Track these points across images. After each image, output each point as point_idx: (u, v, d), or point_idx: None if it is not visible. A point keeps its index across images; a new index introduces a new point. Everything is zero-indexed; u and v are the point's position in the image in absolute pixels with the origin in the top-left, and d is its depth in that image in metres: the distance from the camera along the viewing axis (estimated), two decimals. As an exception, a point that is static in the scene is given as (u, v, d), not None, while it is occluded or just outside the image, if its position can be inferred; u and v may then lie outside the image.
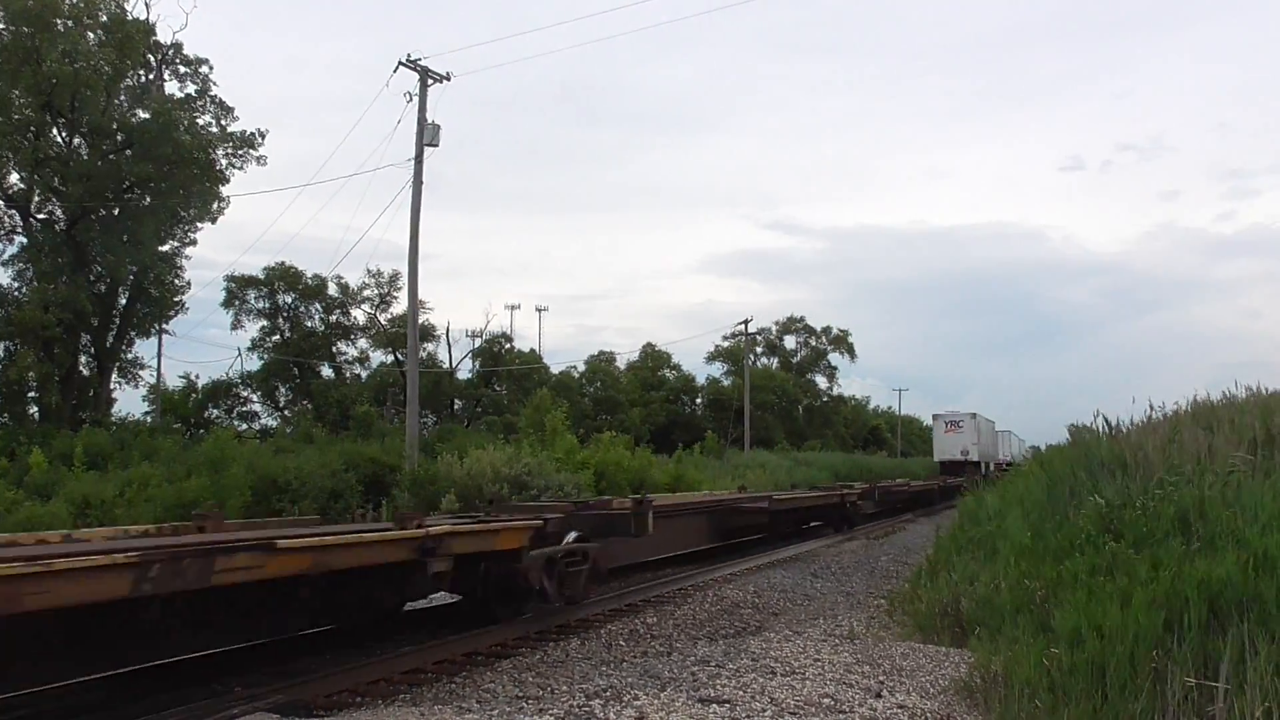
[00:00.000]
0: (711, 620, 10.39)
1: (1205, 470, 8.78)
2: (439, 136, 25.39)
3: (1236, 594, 5.78)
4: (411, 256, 25.53)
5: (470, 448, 21.95)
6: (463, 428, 40.00)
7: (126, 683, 6.57)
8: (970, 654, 7.29)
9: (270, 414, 46.78)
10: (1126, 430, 11.94)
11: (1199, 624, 5.64)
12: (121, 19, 31.30)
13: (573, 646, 8.79)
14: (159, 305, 34.63)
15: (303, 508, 18.41)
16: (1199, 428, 10.47)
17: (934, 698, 6.36)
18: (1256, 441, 9.51)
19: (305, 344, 46.11)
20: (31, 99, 29.14)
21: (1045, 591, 7.31)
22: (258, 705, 6.10)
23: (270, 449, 26.23)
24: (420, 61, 25.60)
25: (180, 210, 33.13)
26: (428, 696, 6.87)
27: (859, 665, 7.20)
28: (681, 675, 6.86)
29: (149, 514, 17.20)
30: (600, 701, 6.09)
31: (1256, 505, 7.28)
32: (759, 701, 6.05)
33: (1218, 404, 12.34)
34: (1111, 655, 5.50)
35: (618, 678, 7.02)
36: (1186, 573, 6.10)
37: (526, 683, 7.24)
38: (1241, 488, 7.93)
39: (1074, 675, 5.52)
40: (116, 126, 31.68)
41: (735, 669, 6.99)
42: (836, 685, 6.52)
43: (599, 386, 61.74)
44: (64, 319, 29.24)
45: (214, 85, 34.15)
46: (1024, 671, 5.82)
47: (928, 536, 18.85)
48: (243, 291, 45.17)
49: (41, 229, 31.68)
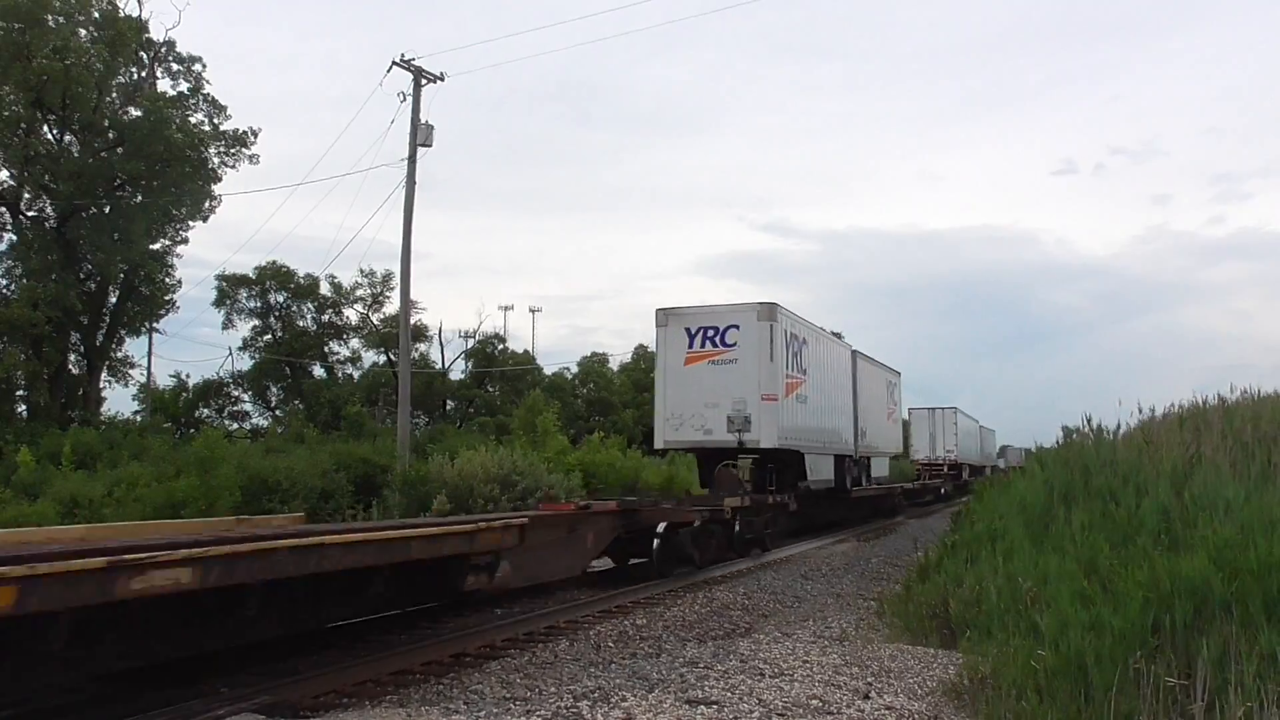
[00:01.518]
0: (701, 622, 10.38)
1: (1191, 471, 8.81)
2: (432, 136, 25.32)
3: (1218, 595, 5.80)
4: (404, 256, 25.46)
5: (461, 448, 21.90)
6: (455, 428, 39.91)
7: (113, 683, 6.53)
8: (959, 656, 7.29)
9: (261, 414, 46.68)
10: (1115, 433, 11.99)
11: (1183, 624, 5.66)
12: (114, 16, 31.18)
13: (561, 648, 8.77)
14: (149, 304, 34.52)
15: (292, 508, 18.32)
16: (1186, 430, 10.51)
17: (922, 699, 6.37)
18: (1245, 444, 9.56)
19: (297, 343, 45.98)
20: (22, 95, 29.01)
21: (1036, 591, 7.34)
22: (244, 706, 6.07)
23: (261, 449, 26.13)
24: (414, 61, 25.53)
25: (172, 208, 33.01)
26: (414, 697, 6.84)
27: (848, 667, 7.20)
28: (670, 677, 6.86)
29: (137, 514, 17.10)
30: (588, 703, 6.09)
31: (1237, 506, 7.31)
32: (747, 703, 6.04)
33: (1209, 407, 12.40)
34: (1095, 656, 5.52)
35: (606, 679, 7.01)
36: (1168, 572, 6.12)
37: (514, 684, 7.21)
38: (1225, 488, 7.96)
39: (1059, 676, 5.53)
40: (108, 124, 31.57)
41: (724, 670, 6.98)
42: (825, 687, 6.53)
43: (592, 388, 61.70)
44: (53, 317, 29.10)
45: (206, 83, 34.07)
46: (1011, 673, 5.83)
47: (921, 538, 18.87)
48: (234, 290, 45.03)
49: (31, 226, 31.53)
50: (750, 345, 16.51)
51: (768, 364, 16.46)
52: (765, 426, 16.36)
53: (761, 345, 16.51)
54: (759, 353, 16.48)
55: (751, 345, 16.50)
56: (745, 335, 16.47)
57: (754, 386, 16.36)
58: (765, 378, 16.44)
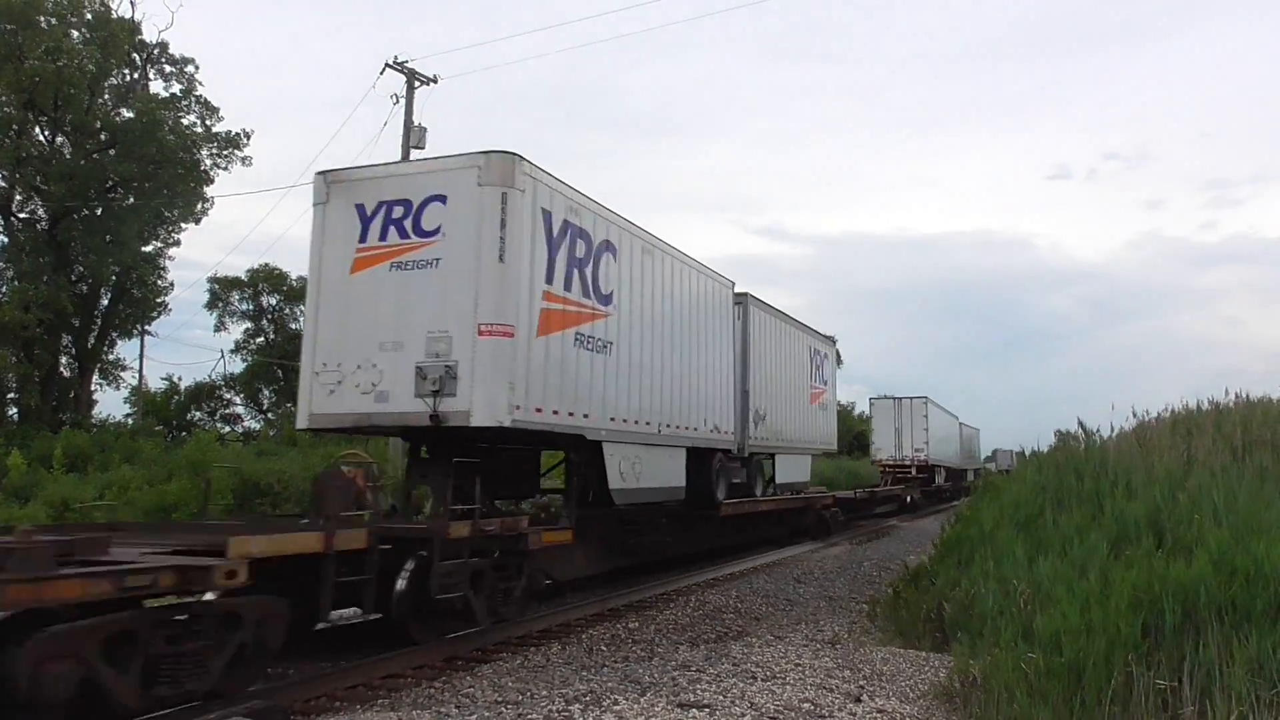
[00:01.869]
0: (693, 625, 10.38)
1: (1183, 475, 8.85)
2: (426, 139, 25.28)
3: (1211, 598, 5.82)
4: (396, 259, 25.30)
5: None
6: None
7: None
8: (951, 659, 7.30)
9: (253, 416, 46.48)
10: (1111, 436, 12.04)
11: (1173, 628, 5.68)
12: (106, 17, 31.09)
13: (553, 651, 8.77)
14: (141, 306, 34.39)
15: (284, 511, 18.28)
16: (1178, 434, 10.56)
17: (913, 702, 6.38)
18: (1235, 448, 9.61)
19: (290, 346, 45.82)
20: (13, 96, 28.90)
21: (1028, 594, 7.35)
22: (234, 710, 6.04)
23: (253, 451, 26.03)
24: (407, 64, 25.54)
25: (164, 210, 32.92)
26: (406, 701, 6.82)
27: (840, 670, 7.21)
28: (662, 680, 6.85)
29: (129, 517, 17.04)
30: (580, 706, 6.08)
31: (1228, 508, 7.35)
32: (739, 706, 6.04)
33: (1202, 411, 12.45)
34: (1087, 659, 5.53)
35: (598, 682, 7.01)
36: (1159, 576, 6.15)
37: (506, 688, 7.20)
38: (1215, 491, 8.00)
39: (1051, 679, 5.55)
40: (100, 125, 31.46)
41: (716, 674, 6.98)
42: (817, 690, 6.53)
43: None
44: (45, 319, 28.96)
45: (199, 85, 33.95)
46: (1002, 675, 5.85)
47: (914, 541, 18.91)
48: (226, 293, 44.90)
49: (23, 228, 31.41)
50: (464, 232, 9.17)
51: (494, 267, 9.07)
52: (483, 386, 8.93)
53: (485, 231, 9.09)
54: (479, 246, 9.09)
55: (466, 231, 9.16)
56: (456, 214, 9.24)
57: (466, 308, 9.04)
58: (489, 293, 9.06)
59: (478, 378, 9.00)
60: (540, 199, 9.80)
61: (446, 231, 9.34)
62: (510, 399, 9.14)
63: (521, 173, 9.46)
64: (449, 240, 9.31)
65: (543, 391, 9.72)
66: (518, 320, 9.31)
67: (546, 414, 9.83)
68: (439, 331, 9.17)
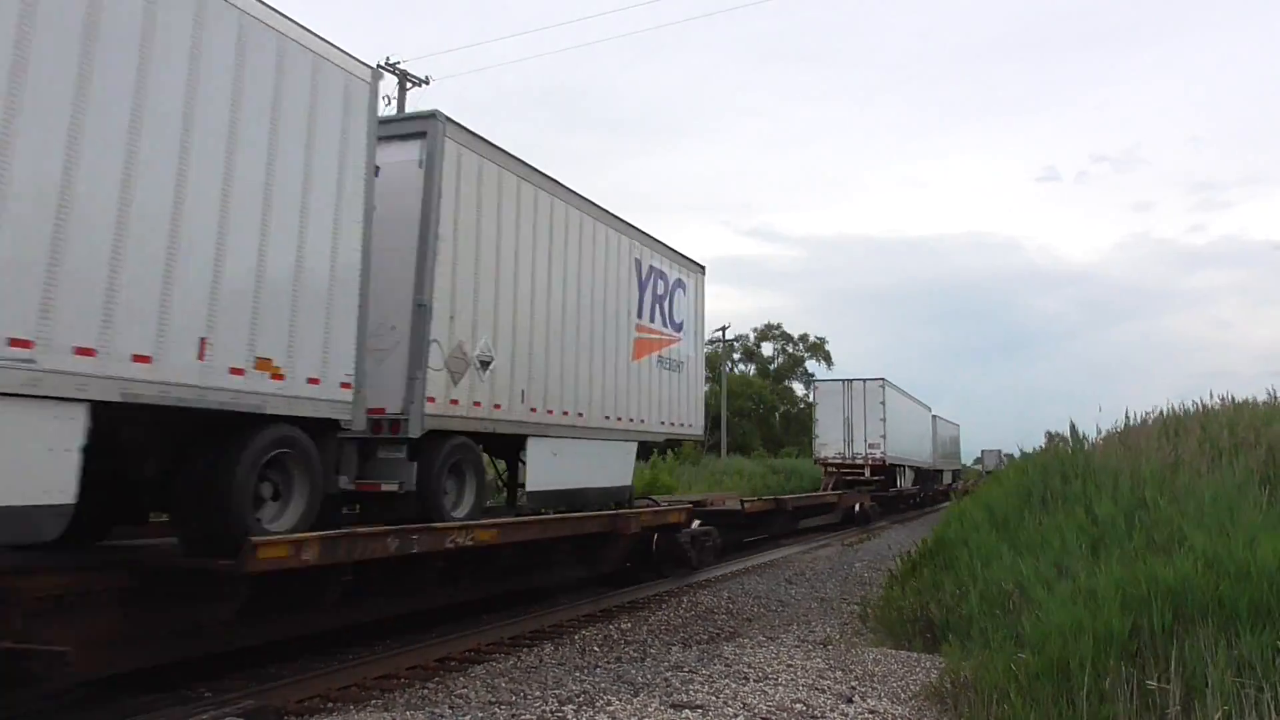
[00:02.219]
0: (686, 626, 10.42)
1: (1170, 476, 8.93)
2: (417, 139, 25.26)
3: (1199, 597, 5.89)
4: (387, 259, 25.25)
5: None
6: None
7: (94, 688, 6.48)
8: (942, 659, 7.36)
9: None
10: (1096, 437, 12.14)
11: (1161, 628, 5.74)
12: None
13: (546, 652, 8.79)
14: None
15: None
16: (1165, 436, 10.66)
17: (905, 703, 6.43)
18: (1221, 450, 9.70)
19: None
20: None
21: (1016, 595, 7.42)
22: (228, 710, 6.04)
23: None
24: (399, 65, 25.58)
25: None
26: (399, 702, 6.83)
27: (831, 671, 7.25)
28: (655, 681, 6.88)
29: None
30: (573, 707, 6.10)
31: (1214, 507, 7.43)
32: (731, 707, 6.08)
33: (1189, 414, 12.56)
34: (1075, 659, 5.59)
35: (591, 683, 7.03)
36: (1146, 576, 6.21)
37: (499, 688, 7.22)
38: (1202, 491, 8.09)
39: (1040, 679, 5.60)
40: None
41: (708, 675, 7.01)
42: (809, 691, 6.57)
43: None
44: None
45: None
46: (993, 676, 5.89)
47: (906, 542, 18.98)
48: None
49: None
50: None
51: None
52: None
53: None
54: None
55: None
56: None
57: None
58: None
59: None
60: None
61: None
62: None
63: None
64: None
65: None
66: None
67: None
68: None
